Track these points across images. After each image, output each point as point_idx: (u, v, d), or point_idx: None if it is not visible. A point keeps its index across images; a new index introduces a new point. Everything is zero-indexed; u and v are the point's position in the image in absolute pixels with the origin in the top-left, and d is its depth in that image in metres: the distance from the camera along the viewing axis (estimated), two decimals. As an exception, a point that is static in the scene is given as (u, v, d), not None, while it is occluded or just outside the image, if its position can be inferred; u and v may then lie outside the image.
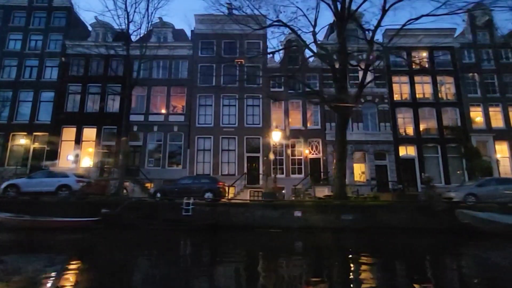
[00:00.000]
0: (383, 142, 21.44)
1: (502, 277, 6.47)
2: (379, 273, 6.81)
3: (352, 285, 6.01)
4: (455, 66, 22.73)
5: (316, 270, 7.05)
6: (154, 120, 21.90)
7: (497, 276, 6.52)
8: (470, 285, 6.14)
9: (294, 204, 12.46)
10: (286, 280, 6.11)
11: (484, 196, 12.93)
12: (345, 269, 7.22)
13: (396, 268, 7.61)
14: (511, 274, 6.93)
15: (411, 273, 7.02)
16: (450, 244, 9.97)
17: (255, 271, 6.80)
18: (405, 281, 6.32)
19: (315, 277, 6.46)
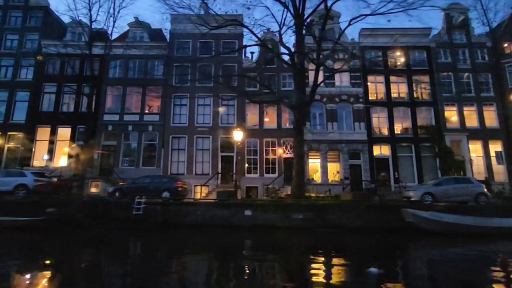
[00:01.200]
0: (357, 142, 21.47)
1: (435, 273, 6.52)
2: (302, 272, 6.82)
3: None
4: (431, 65, 22.77)
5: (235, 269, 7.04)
6: (129, 119, 21.92)
7: (431, 273, 6.56)
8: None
9: (245, 203, 12.50)
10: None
11: (440, 195, 12.98)
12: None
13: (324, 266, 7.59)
14: (444, 270, 6.99)
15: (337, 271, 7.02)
16: (394, 242, 10.02)
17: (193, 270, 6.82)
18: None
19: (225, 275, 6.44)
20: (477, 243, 9.56)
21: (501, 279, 6.19)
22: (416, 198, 13.12)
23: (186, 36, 22.92)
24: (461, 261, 7.71)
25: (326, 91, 22.44)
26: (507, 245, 9.40)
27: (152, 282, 5.63)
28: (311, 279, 5.90)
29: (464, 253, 8.53)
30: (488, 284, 5.86)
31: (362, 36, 23.37)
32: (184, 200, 13.24)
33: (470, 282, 6.20)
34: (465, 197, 12.90)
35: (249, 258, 7.95)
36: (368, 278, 5.69)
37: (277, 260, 7.76)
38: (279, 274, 6.50)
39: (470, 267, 7.19)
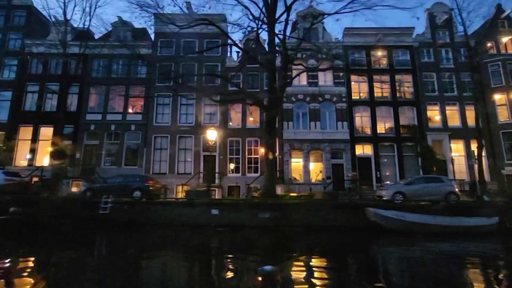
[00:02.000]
0: (340, 141, 21.49)
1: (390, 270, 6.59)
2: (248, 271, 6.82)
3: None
4: (414, 65, 22.80)
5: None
6: (112, 119, 21.91)
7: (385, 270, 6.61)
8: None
9: (212, 202, 12.51)
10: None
11: (411, 195, 13.02)
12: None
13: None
14: (402, 267, 7.07)
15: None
16: (353, 241, 10.06)
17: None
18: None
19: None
20: (437, 242, 9.61)
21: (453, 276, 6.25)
22: (388, 197, 13.15)
23: (170, 36, 22.84)
24: (412, 259, 7.75)
25: (309, 91, 22.47)
26: (466, 244, 9.44)
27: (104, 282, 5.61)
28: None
29: (420, 252, 8.57)
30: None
31: (346, 36, 23.41)
32: (157, 200, 13.22)
33: (415, 279, 6.24)
34: (436, 196, 12.94)
35: (205, 258, 7.96)
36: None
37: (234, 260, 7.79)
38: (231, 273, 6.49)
39: (422, 265, 7.23)
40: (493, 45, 23.17)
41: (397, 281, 6.06)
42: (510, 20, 23.56)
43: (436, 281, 5.92)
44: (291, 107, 22.21)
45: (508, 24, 23.47)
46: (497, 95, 21.96)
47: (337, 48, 23.16)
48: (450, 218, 11.05)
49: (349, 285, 5.90)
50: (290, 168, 21.54)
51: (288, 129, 21.74)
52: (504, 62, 22.09)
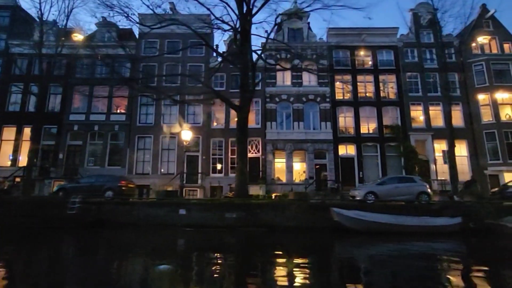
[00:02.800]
0: (323, 141, 21.50)
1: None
2: (221, 270, 6.83)
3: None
4: (398, 65, 22.81)
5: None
6: (96, 119, 21.92)
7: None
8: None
9: (180, 202, 12.51)
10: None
11: (383, 195, 13.04)
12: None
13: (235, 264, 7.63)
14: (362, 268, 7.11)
15: (248, 269, 7.00)
16: (317, 241, 10.07)
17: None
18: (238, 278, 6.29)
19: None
20: (398, 242, 9.62)
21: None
22: (360, 197, 13.17)
23: (154, 36, 22.88)
24: (370, 259, 7.76)
25: (293, 91, 22.49)
26: (426, 244, 9.45)
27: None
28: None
29: (378, 252, 8.57)
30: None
31: (330, 36, 23.43)
32: (132, 200, 13.23)
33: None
34: (407, 196, 12.95)
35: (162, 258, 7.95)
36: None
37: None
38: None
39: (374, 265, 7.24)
40: (478, 45, 23.18)
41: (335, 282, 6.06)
42: (494, 20, 23.55)
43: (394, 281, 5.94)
44: (274, 107, 22.22)
45: (492, 24, 23.47)
46: (480, 95, 21.96)
47: (321, 48, 23.23)
48: (412, 218, 11.06)
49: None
50: (274, 168, 21.55)
51: (271, 129, 21.75)
52: (488, 62, 22.08)
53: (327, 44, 23.19)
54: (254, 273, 6.60)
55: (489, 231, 10.78)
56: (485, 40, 22.96)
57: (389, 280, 6.21)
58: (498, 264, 7.59)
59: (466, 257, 8.42)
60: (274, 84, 22.69)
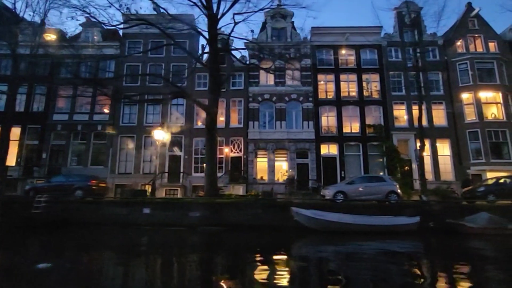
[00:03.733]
0: (305, 141, 21.47)
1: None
2: (176, 269, 6.87)
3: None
4: (381, 64, 22.71)
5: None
6: (79, 119, 22.07)
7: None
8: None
9: (144, 201, 12.55)
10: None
11: (353, 194, 13.01)
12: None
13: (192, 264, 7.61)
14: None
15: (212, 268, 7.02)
16: (277, 240, 10.06)
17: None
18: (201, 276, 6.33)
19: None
20: (352, 240, 9.59)
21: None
22: (329, 196, 13.15)
23: (138, 36, 22.99)
24: (323, 259, 7.77)
25: (276, 90, 22.48)
26: (379, 242, 9.41)
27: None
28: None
29: (331, 251, 8.56)
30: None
31: (314, 35, 23.39)
32: (101, 199, 13.30)
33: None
34: (377, 195, 12.91)
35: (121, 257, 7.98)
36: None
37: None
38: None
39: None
40: (462, 43, 23.04)
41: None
42: (479, 18, 23.38)
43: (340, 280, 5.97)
44: (257, 107, 22.23)
45: (478, 23, 23.29)
46: (464, 94, 21.81)
47: (305, 47, 23.21)
48: (370, 218, 11.01)
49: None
50: (256, 167, 21.56)
51: (253, 129, 21.76)
52: (472, 61, 21.92)
53: (310, 43, 23.16)
54: (192, 271, 6.63)
55: (450, 230, 10.73)
56: (469, 38, 22.83)
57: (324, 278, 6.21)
58: (446, 262, 7.58)
59: (417, 256, 8.39)
60: (257, 84, 22.69)
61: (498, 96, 21.41)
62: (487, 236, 10.11)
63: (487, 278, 6.30)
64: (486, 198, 12.89)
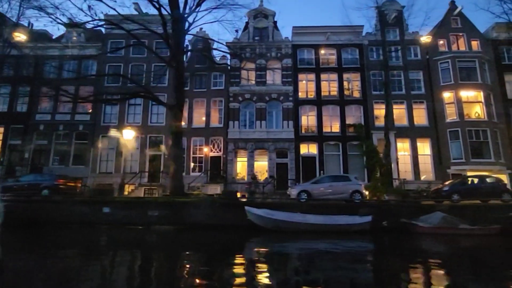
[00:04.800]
0: (284, 140, 21.47)
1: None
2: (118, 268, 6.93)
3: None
4: (362, 63, 22.63)
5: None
6: (61, 119, 22.30)
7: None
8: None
9: (105, 200, 12.65)
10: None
11: (317, 193, 13.01)
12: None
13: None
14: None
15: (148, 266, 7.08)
16: (230, 239, 10.11)
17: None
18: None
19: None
20: (301, 240, 9.60)
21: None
22: (294, 196, 13.17)
23: (119, 37, 23.15)
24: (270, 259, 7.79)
25: (256, 90, 22.48)
26: (327, 243, 9.41)
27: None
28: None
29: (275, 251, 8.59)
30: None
31: (295, 35, 23.38)
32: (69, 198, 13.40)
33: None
34: (341, 195, 12.89)
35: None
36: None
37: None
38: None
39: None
40: (445, 42, 22.89)
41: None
42: (463, 17, 23.19)
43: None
44: (237, 106, 22.27)
45: (461, 22, 23.12)
46: (446, 93, 21.65)
47: (286, 47, 23.23)
48: (321, 217, 11.00)
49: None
50: (235, 167, 21.62)
51: (233, 129, 21.81)
52: (454, 59, 21.74)
53: (292, 42, 23.15)
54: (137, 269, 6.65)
55: (403, 230, 10.69)
56: (452, 37, 22.70)
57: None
58: (388, 260, 7.59)
59: (360, 254, 8.39)
60: (238, 84, 22.71)
61: (479, 95, 21.23)
62: (437, 235, 10.08)
63: (420, 275, 6.32)
64: (451, 198, 12.83)
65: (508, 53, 22.50)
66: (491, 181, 13.74)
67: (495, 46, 22.44)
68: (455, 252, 9.07)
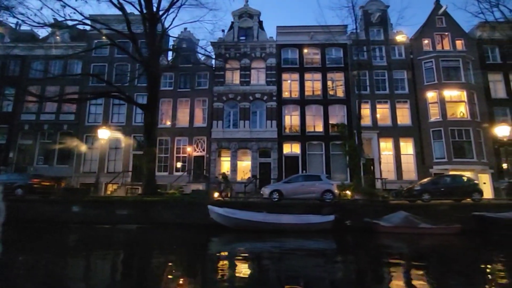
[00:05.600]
0: (267, 140, 21.51)
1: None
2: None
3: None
4: (346, 63, 22.63)
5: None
6: (46, 119, 22.41)
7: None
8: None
9: (74, 199, 12.70)
10: None
11: (289, 193, 13.04)
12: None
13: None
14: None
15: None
16: (192, 237, 10.17)
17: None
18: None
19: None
20: (261, 239, 9.64)
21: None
22: (266, 195, 13.21)
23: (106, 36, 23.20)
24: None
25: (240, 90, 22.53)
26: (281, 242, 9.45)
27: None
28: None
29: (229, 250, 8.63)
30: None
31: (279, 34, 23.41)
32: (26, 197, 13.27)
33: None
34: (312, 194, 12.92)
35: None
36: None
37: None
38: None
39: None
40: (430, 42, 22.86)
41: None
42: (447, 16, 23.15)
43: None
44: (221, 106, 22.31)
45: (445, 21, 23.07)
46: (429, 93, 21.62)
47: (271, 46, 23.25)
48: (283, 216, 11.03)
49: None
50: (219, 166, 21.66)
51: (217, 128, 21.86)
52: (438, 59, 21.70)
53: (276, 42, 23.18)
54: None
55: (366, 229, 10.72)
56: (436, 36, 22.68)
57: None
58: (343, 258, 7.64)
59: (315, 253, 8.42)
60: (222, 83, 22.76)
61: (463, 94, 21.19)
62: (398, 234, 10.12)
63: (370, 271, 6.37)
64: (421, 197, 12.84)
65: (492, 53, 22.48)
66: (463, 181, 13.74)
67: (480, 46, 22.42)
68: (405, 250, 9.17)
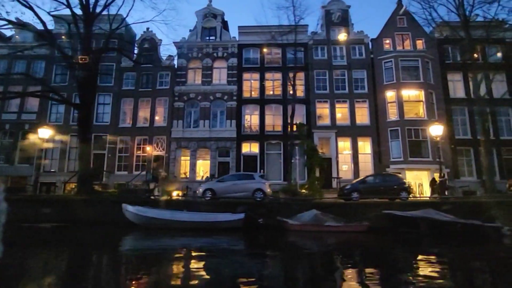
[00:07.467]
0: (226, 139, 21.61)
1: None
2: None
3: None
4: (307, 62, 22.70)
5: None
6: (7, 118, 22.55)
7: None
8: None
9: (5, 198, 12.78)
10: None
11: (221, 191, 13.16)
12: None
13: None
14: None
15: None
16: (107, 235, 10.29)
17: None
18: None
19: None
20: (169, 237, 9.76)
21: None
22: (200, 194, 13.32)
23: (68, 36, 23.28)
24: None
25: (201, 89, 22.65)
26: (189, 239, 9.57)
27: None
28: None
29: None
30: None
31: (241, 34, 23.52)
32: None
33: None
34: (244, 193, 13.02)
35: None
36: None
37: None
38: None
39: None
40: (390, 41, 22.95)
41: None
42: (409, 16, 23.19)
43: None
44: (182, 105, 22.42)
45: (407, 21, 23.15)
46: (389, 92, 21.70)
47: (233, 46, 23.36)
48: (193, 214, 11.14)
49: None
50: (179, 166, 21.77)
51: (177, 128, 21.97)
52: (397, 58, 21.78)
53: (238, 42, 23.28)
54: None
55: (278, 227, 10.84)
56: (397, 36, 22.78)
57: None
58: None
59: (214, 249, 8.55)
60: (184, 83, 22.87)
61: (421, 94, 21.29)
62: (305, 232, 10.23)
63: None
64: (351, 196, 12.95)
65: (452, 52, 22.56)
66: (391, 179, 13.84)
67: (440, 45, 22.51)
68: (310, 247, 9.30)
